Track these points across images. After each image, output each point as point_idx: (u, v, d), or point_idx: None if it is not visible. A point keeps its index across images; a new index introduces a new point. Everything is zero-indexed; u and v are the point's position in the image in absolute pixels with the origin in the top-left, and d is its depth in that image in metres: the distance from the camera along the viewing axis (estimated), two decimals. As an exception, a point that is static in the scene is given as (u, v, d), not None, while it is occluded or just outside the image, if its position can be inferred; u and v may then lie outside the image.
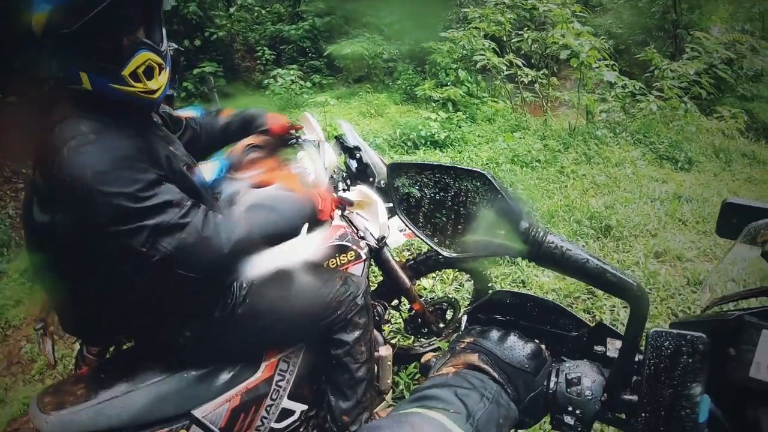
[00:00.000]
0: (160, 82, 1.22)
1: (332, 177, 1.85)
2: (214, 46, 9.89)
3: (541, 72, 6.97)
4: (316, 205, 1.43)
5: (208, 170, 1.64)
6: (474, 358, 0.65)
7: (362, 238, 1.89)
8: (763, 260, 0.74)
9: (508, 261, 3.85)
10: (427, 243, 0.70)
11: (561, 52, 6.60)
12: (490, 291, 2.53)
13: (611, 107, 6.58)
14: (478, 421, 0.53)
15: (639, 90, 6.83)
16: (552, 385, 0.67)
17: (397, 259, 2.16)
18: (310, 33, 10.14)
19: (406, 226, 0.71)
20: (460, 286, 3.56)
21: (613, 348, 0.71)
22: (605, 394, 0.66)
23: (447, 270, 3.47)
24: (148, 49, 1.18)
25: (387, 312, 2.28)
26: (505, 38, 7.26)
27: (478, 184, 0.65)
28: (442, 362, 0.67)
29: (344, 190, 1.87)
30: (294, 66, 9.21)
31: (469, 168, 0.66)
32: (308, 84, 8.88)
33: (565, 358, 0.73)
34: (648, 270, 3.83)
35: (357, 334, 1.66)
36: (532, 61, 7.45)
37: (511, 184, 5.38)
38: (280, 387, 1.59)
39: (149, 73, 1.19)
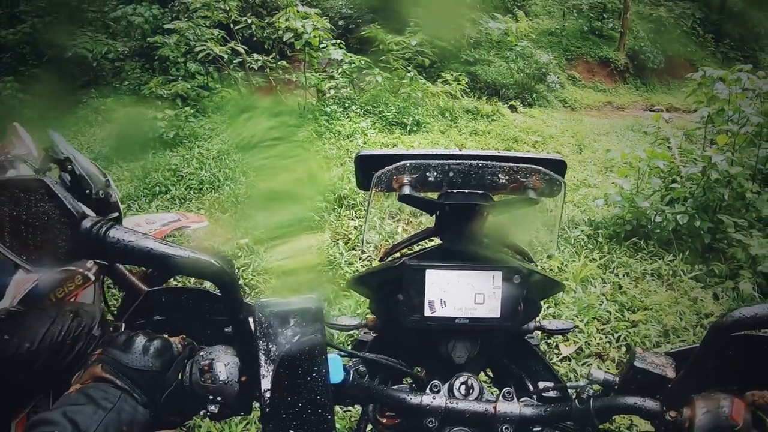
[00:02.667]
0: None
1: None
2: None
3: (271, 56, 6.98)
4: None
5: None
6: (98, 369, 0.61)
7: None
8: (403, 204, 0.74)
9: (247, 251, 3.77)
10: (13, 260, 0.65)
11: (285, 35, 6.67)
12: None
13: (339, 83, 6.86)
14: None
15: (365, 64, 7.23)
16: (186, 378, 0.63)
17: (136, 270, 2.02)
18: (30, 37, 8.85)
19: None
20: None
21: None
22: (244, 375, 0.62)
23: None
24: None
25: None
26: (231, 25, 7.11)
27: (42, 192, 0.60)
28: (74, 380, 0.63)
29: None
30: (10, 77, 7.96)
31: (27, 177, 0.65)
32: (29, 96, 7.75)
33: (204, 346, 0.67)
34: (385, 231, 4.05)
35: None
36: (266, 46, 7.42)
37: (244, 173, 5.30)
38: None
39: None
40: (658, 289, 3.24)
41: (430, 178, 0.73)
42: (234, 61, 6.87)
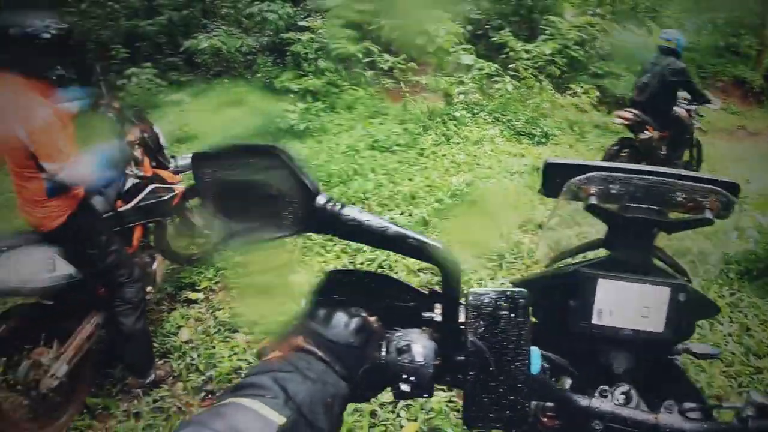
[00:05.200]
0: None
1: None
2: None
3: (401, 57, 6.91)
4: None
5: None
6: (299, 340, 0.62)
7: None
8: (588, 213, 0.78)
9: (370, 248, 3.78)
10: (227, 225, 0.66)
11: (418, 38, 6.58)
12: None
13: (468, 89, 6.68)
14: (300, 402, 0.52)
15: (495, 71, 6.98)
16: (383, 355, 0.65)
17: None
18: (166, 28, 9.41)
19: (214, 215, 0.67)
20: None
21: (439, 312, 0.69)
22: (438, 358, 0.64)
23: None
24: None
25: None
26: (365, 26, 7.12)
27: (276, 162, 0.61)
28: (271, 348, 0.64)
29: None
30: (148, 64, 8.47)
31: (261, 144, 0.62)
32: (164, 82, 8.22)
33: (397, 328, 0.69)
34: (512, 240, 3.89)
35: None
36: (391, 48, 7.38)
37: (372, 170, 5.24)
38: None
39: None
40: (787, 337, 2.99)
41: (613, 191, 0.77)
42: (363, 61, 6.86)
